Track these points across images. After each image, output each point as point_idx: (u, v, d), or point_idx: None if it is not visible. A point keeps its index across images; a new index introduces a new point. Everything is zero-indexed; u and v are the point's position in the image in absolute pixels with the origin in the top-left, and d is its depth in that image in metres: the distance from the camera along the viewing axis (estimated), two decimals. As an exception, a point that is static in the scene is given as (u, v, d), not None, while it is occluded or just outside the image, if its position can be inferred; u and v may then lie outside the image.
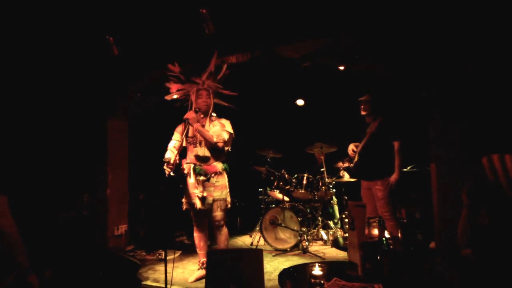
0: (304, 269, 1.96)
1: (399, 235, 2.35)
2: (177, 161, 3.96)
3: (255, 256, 3.12)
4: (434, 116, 3.48)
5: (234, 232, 6.15)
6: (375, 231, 2.32)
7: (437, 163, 3.51)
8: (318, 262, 1.92)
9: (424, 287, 1.99)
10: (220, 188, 3.95)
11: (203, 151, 3.96)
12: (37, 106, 4.92)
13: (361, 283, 1.89)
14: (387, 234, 2.34)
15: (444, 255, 3.14)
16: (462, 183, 2.88)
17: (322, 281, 1.85)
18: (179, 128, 4.10)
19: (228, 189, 4.01)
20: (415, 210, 4.95)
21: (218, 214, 3.96)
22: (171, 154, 3.93)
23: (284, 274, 2.20)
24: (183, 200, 4.07)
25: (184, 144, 4.05)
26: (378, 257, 1.99)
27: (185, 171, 3.95)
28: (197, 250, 4.18)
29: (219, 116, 4.14)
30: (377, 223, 2.34)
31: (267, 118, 6.72)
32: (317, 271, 1.89)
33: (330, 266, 1.97)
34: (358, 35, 3.69)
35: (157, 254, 5.09)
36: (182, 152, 4.09)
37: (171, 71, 4.15)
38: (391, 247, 2.04)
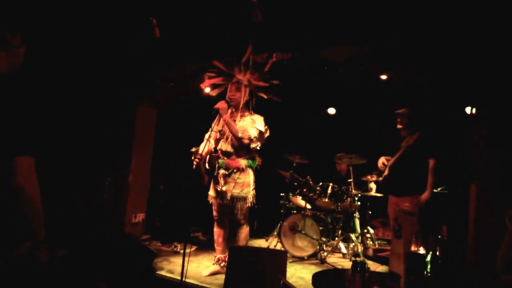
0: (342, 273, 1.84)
1: (438, 253, 2.21)
2: (212, 151, 3.90)
3: (279, 257, 3.03)
4: (480, 135, 3.33)
5: (250, 234, 5.99)
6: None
7: (478, 184, 3.35)
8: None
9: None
10: (240, 186, 3.84)
11: (227, 146, 3.90)
12: (71, 88, 4.91)
13: (405, 296, 1.77)
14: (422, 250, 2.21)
15: (478, 279, 3.00)
16: (506, 206, 2.75)
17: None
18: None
19: (251, 188, 3.89)
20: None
21: (238, 212, 3.87)
22: (204, 144, 3.82)
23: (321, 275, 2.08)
24: (209, 193, 3.99)
25: (218, 136, 3.98)
26: (425, 272, 1.86)
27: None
28: (215, 245, 4.10)
29: (255, 112, 4.03)
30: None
31: (298, 122, 6.62)
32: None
33: (369, 274, 1.85)
34: (407, 44, 3.58)
35: (173, 246, 5.01)
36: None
37: (206, 64, 4.09)
38: (439, 262, 1.91)
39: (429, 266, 1.91)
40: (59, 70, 4.61)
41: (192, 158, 3.76)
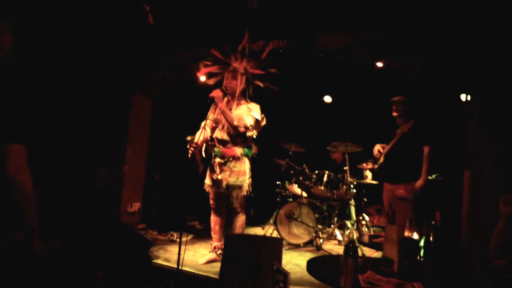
0: (336, 259, 1.85)
1: (431, 238, 2.22)
2: (208, 139, 3.90)
3: (274, 245, 3.03)
4: (475, 121, 3.34)
5: (247, 223, 5.98)
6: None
7: (472, 170, 3.37)
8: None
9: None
10: (236, 174, 3.84)
11: (222, 134, 3.89)
12: (65, 78, 4.86)
13: (398, 280, 1.78)
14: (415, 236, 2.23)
15: (472, 264, 3.02)
16: (499, 192, 2.76)
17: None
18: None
19: (247, 176, 3.90)
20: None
21: (234, 201, 3.88)
22: (200, 133, 3.81)
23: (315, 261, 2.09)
24: (205, 181, 4.00)
25: (213, 125, 3.98)
26: (419, 256, 1.87)
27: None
28: (212, 233, 4.11)
29: (251, 100, 4.02)
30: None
31: (294, 111, 6.61)
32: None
33: (364, 259, 1.86)
34: (402, 29, 3.55)
35: (169, 235, 5.03)
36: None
37: (202, 52, 4.06)
38: (432, 246, 1.93)
39: (422, 251, 1.93)
40: (53, 58, 4.56)
41: (188, 146, 3.76)
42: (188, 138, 3.77)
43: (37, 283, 2.86)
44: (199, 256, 4.19)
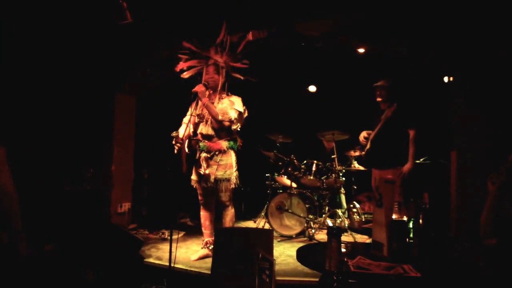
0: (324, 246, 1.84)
1: (420, 220, 2.23)
2: (191, 135, 3.87)
3: (265, 236, 3.02)
4: (458, 101, 3.35)
5: (238, 217, 5.99)
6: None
7: (458, 151, 3.38)
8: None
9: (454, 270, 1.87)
10: (223, 168, 3.83)
11: (207, 128, 3.88)
12: (44, 75, 4.77)
13: (388, 263, 1.77)
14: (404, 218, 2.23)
15: (462, 244, 3.04)
16: (486, 170, 2.77)
17: (345, 259, 1.74)
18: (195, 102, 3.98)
19: (234, 169, 3.89)
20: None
21: (222, 194, 3.86)
22: (183, 128, 3.80)
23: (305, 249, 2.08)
24: (192, 177, 3.97)
25: (196, 120, 3.94)
26: (408, 238, 1.87)
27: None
28: (202, 229, 4.09)
29: (232, 93, 3.99)
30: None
31: (278, 102, 6.58)
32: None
33: (354, 245, 1.85)
34: (381, 13, 3.54)
35: (160, 233, 5.00)
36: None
37: (182, 47, 4.01)
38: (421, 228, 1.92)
39: (411, 233, 1.93)
40: (35, 58, 4.48)
41: (173, 142, 3.73)
42: (173, 134, 3.75)
43: (26, 285, 2.82)
44: (192, 253, 4.17)
